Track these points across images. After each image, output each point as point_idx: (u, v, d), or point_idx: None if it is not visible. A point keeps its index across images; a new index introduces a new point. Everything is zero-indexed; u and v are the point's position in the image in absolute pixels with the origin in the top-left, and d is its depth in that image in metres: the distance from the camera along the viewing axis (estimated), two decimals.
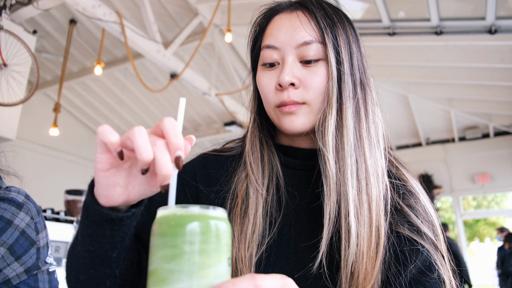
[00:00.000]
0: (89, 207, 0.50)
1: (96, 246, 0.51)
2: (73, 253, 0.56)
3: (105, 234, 0.50)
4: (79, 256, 0.53)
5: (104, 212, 0.49)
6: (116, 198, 0.49)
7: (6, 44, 3.10)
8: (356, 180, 0.62)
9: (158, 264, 0.38)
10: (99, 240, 0.50)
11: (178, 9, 5.02)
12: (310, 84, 0.66)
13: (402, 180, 0.70)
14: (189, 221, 0.38)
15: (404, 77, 5.57)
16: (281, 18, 0.70)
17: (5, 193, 1.01)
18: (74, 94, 7.10)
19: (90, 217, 0.50)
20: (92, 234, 0.50)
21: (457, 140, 7.26)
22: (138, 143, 0.42)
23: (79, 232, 0.53)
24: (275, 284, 0.38)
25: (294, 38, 0.66)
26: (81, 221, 0.52)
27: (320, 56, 0.66)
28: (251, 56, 0.78)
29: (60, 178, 6.81)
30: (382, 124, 0.71)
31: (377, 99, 0.72)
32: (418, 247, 0.62)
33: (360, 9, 4.29)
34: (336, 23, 0.68)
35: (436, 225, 0.66)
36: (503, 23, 3.96)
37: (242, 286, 0.36)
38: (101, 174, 0.47)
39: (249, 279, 0.37)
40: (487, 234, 10.07)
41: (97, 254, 0.51)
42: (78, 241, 0.54)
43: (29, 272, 0.99)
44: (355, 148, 0.64)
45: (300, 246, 0.66)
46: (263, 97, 0.71)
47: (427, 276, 0.61)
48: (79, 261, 0.54)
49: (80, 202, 3.58)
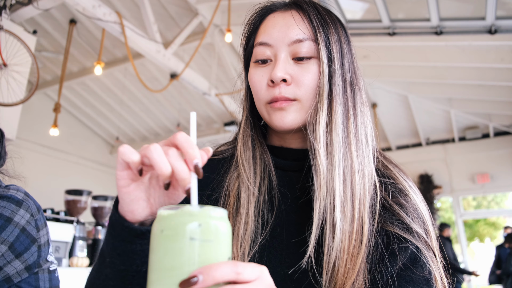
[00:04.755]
0: (117, 225, 0.51)
1: (127, 264, 0.51)
2: (99, 277, 0.55)
3: (136, 250, 0.51)
4: (108, 279, 0.53)
5: (134, 228, 0.50)
6: (141, 212, 0.51)
7: (6, 44, 3.10)
8: (343, 176, 0.63)
9: (159, 263, 0.39)
10: (130, 257, 0.51)
11: (178, 9, 5.02)
12: (301, 81, 0.66)
13: (392, 178, 0.70)
14: (190, 221, 0.39)
15: (404, 77, 5.57)
16: (275, 16, 0.71)
17: (4, 191, 1.00)
18: (74, 94, 7.10)
19: (120, 235, 0.51)
20: (123, 252, 0.51)
21: (457, 140, 7.26)
22: (156, 160, 0.44)
23: (106, 254, 0.53)
24: (254, 272, 0.39)
25: (288, 36, 0.67)
26: (108, 243, 0.53)
27: (312, 53, 0.67)
28: (244, 54, 0.78)
29: (60, 178, 6.81)
30: (371, 124, 0.72)
31: (367, 100, 0.73)
32: (407, 245, 0.62)
33: (360, 9, 4.28)
34: (328, 23, 0.69)
35: (427, 222, 0.66)
36: (503, 23, 3.96)
37: (223, 271, 0.37)
38: (124, 190, 0.49)
39: (230, 265, 0.38)
40: (487, 234, 10.07)
41: (129, 272, 0.52)
42: (105, 263, 0.54)
43: (30, 270, 0.98)
44: (343, 145, 0.64)
45: (292, 248, 0.66)
46: (255, 93, 0.71)
47: (415, 273, 0.61)
48: (108, 284, 0.53)
49: (80, 202, 3.58)
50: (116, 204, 0.53)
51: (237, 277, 0.38)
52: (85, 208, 3.60)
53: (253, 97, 0.72)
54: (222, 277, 0.37)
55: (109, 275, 0.53)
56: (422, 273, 0.61)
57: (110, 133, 8.17)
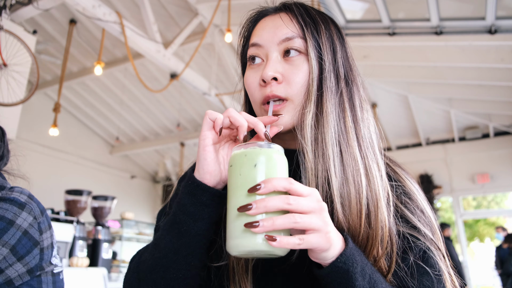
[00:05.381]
0: (197, 190, 0.59)
1: (206, 229, 0.61)
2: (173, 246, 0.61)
3: (211, 214, 0.60)
4: (190, 246, 0.60)
5: (214, 191, 0.59)
6: (218, 175, 0.60)
7: (6, 44, 3.10)
8: (341, 169, 0.62)
9: (235, 183, 0.53)
10: (206, 222, 0.60)
11: (178, 9, 5.02)
12: (292, 79, 0.67)
13: (398, 181, 0.71)
14: (258, 153, 0.53)
15: (404, 77, 5.57)
16: (266, 20, 0.73)
17: (7, 194, 0.99)
18: (74, 94, 7.10)
19: (199, 199, 0.59)
20: (200, 218, 0.59)
21: (457, 140, 7.26)
22: (236, 116, 0.58)
23: (178, 223, 0.60)
24: (305, 188, 0.51)
25: (276, 35, 0.69)
26: (183, 212, 0.60)
27: (302, 50, 0.68)
28: (241, 60, 0.80)
29: (60, 178, 6.81)
30: (373, 120, 0.72)
31: (366, 97, 0.73)
32: (416, 244, 0.63)
33: (360, 9, 4.29)
34: (318, 22, 0.70)
35: (434, 225, 0.67)
36: (503, 23, 3.96)
37: (280, 181, 0.50)
38: (208, 149, 0.60)
39: (285, 179, 0.51)
40: (487, 234, 10.07)
41: (207, 236, 0.61)
42: (174, 233, 0.60)
43: (32, 273, 0.97)
44: (340, 138, 0.64)
45: None
46: (250, 96, 0.72)
47: (425, 269, 0.62)
48: (194, 247, 0.61)
49: (80, 202, 3.58)
50: (190, 176, 0.61)
51: (291, 187, 0.50)
52: (85, 208, 3.60)
53: (250, 100, 0.74)
54: (279, 186, 0.50)
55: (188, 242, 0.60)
56: (434, 271, 0.62)
57: (110, 133, 8.17)
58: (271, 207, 0.49)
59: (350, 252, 0.53)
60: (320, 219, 0.50)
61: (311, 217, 0.49)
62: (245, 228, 0.49)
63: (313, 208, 0.50)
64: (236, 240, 0.50)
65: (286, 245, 0.48)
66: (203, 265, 0.64)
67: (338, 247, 0.53)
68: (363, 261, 0.55)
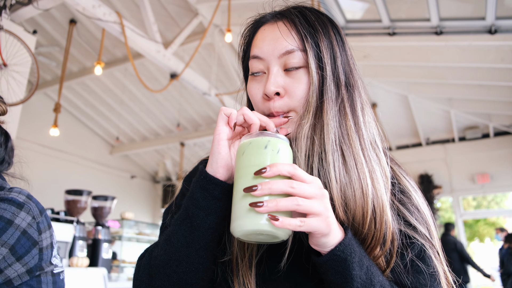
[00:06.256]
0: (210, 185, 0.60)
1: (219, 222, 0.62)
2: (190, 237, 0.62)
3: (222, 208, 0.61)
4: (201, 238, 0.61)
5: (226, 185, 0.61)
6: (230, 169, 0.62)
7: (6, 44, 3.10)
8: (344, 174, 0.62)
9: (243, 164, 0.56)
10: (218, 216, 0.61)
11: (178, 9, 5.02)
12: (294, 92, 0.67)
13: (395, 179, 0.71)
14: (265, 140, 0.57)
15: (404, 77, 5.57)
16: (265, 29, 0.72)
17: (6, 194, 1.00)
18: (74, 94, 7.10)
19: (212, 193, 0.60)
20: (213, 212, 0.61)
21: (457, 140, 7.26)
22: (250, 114, 0.62)
23: (190, 217, 0.61)
24: (308, 176, 0.54)
25: (277, 49, 0.69)
26: (196, 206, 0.61)
27: (302, 63, 0.68)
28: (242, 66, 0.80)
29: (60, 178, 6.82)
30: (376, 123, 0.72)
31: (367, 99, 0.73)
32: (413, 241, 0.64)
33: (360, 9, 4.29)
34: (318, 30, 0.69)
35: (430, 223, 0.68)
36: (503, 23, 3.96)
37: (284, 166, 0.53)
38: (223, 143, 0.62)
39: (290, 165, 0.54)
40: (487, 234, 10.07)
41: (218, 230, 0.63)
42: (186, 228, 0.62)
43: (31, 273, 0.97)
44: (341, 144, 0.64)
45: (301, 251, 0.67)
46: (254, 106, 0.73)
47: (423, 266, 0.63)
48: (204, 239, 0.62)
49: (80, 202, 3.58)
50: (202, 171, 0.62)
51: (295, 172, 0.53)
52: (85, 208, 3.60)
53: (253, 108, 0.74)
54: (284, 170, 0.53)
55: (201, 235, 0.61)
56: (429, 269, 0.63)
57: (110, 133, 8.17)
58: (275, 190, 0.51)
59: (349, 241, 0.55)
60: (321, 204, 0.53)
61: (313, 201, 0.52)
62: (249, 208, 0.51)
63: (315, 193, 0.52)
64: (240, 221, 0.52)
65: (288, 226, 0.50)
66: (214, 258, 0.65)
67: (337, 236, 0.55)
68: (361, 253, 0.57)
